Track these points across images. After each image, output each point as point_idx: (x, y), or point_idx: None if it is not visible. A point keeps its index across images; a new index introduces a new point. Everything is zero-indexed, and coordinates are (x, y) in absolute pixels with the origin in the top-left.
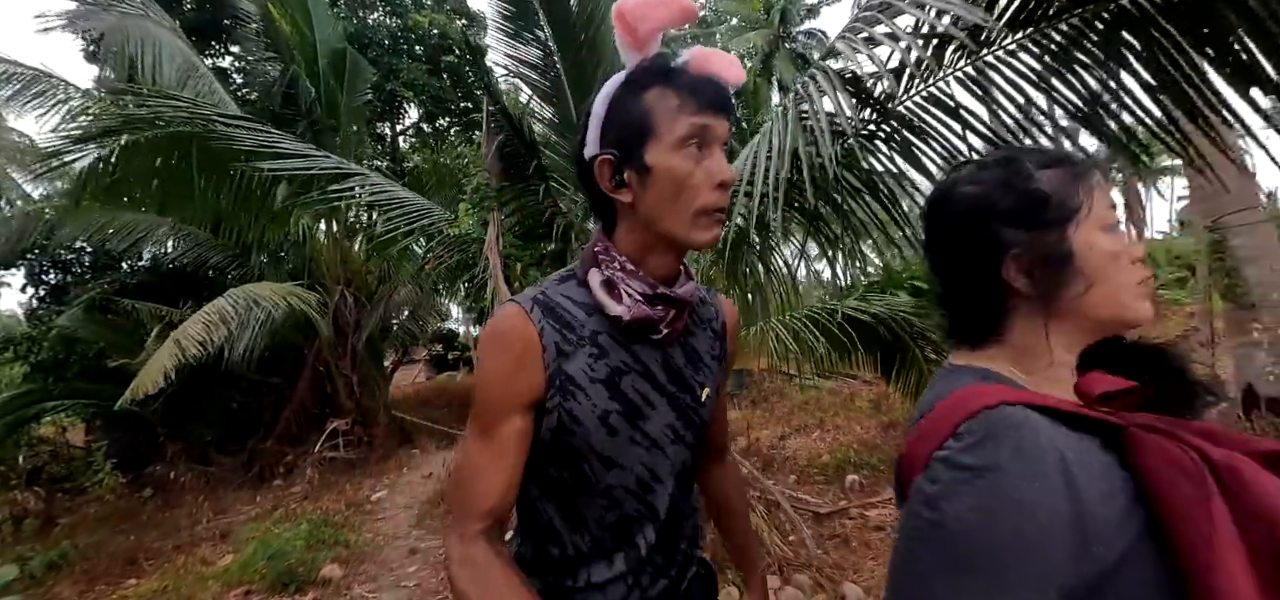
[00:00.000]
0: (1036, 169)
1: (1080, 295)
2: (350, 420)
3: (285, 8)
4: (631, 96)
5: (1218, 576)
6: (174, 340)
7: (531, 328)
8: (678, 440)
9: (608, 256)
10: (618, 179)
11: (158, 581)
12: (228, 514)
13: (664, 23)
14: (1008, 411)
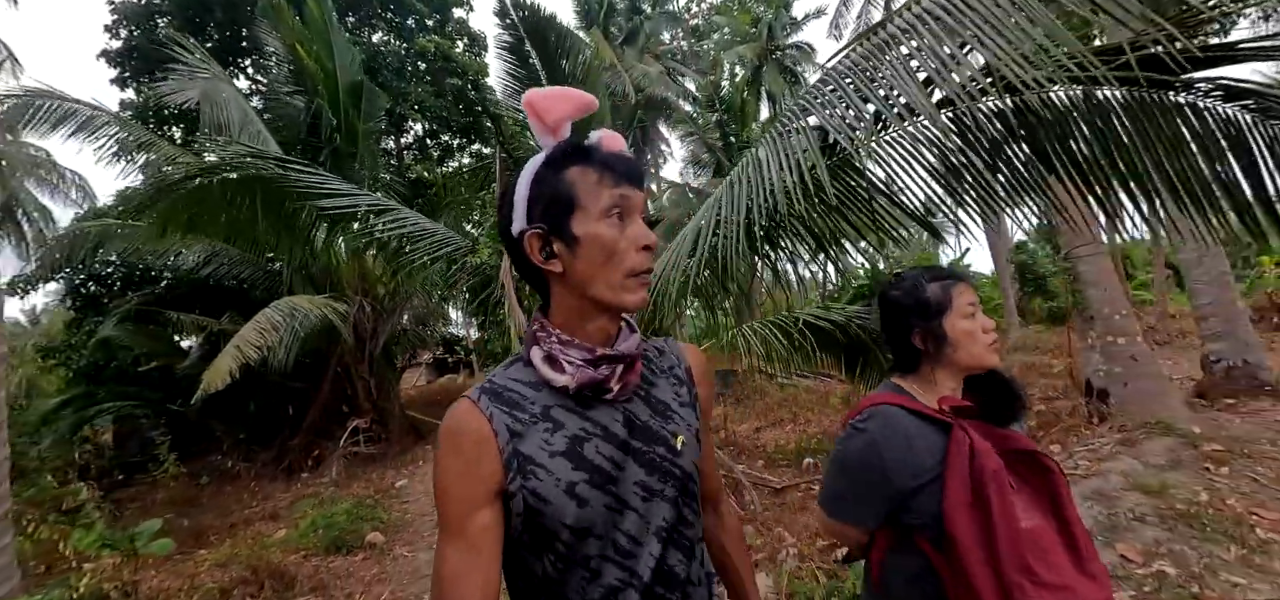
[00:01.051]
0: (928, 283)
1: (951, 354)
2: (369, 419)
3: (310, 45)
4: (553, 174)
5: (950, 484)
6: (234, 345)
7: (481, 417)
8: (652, 496)
9: (544, 332)
10: (547, 251)
11: (228, 550)
12: (271, 500)
13: (568, 114)
14: (883, 407)
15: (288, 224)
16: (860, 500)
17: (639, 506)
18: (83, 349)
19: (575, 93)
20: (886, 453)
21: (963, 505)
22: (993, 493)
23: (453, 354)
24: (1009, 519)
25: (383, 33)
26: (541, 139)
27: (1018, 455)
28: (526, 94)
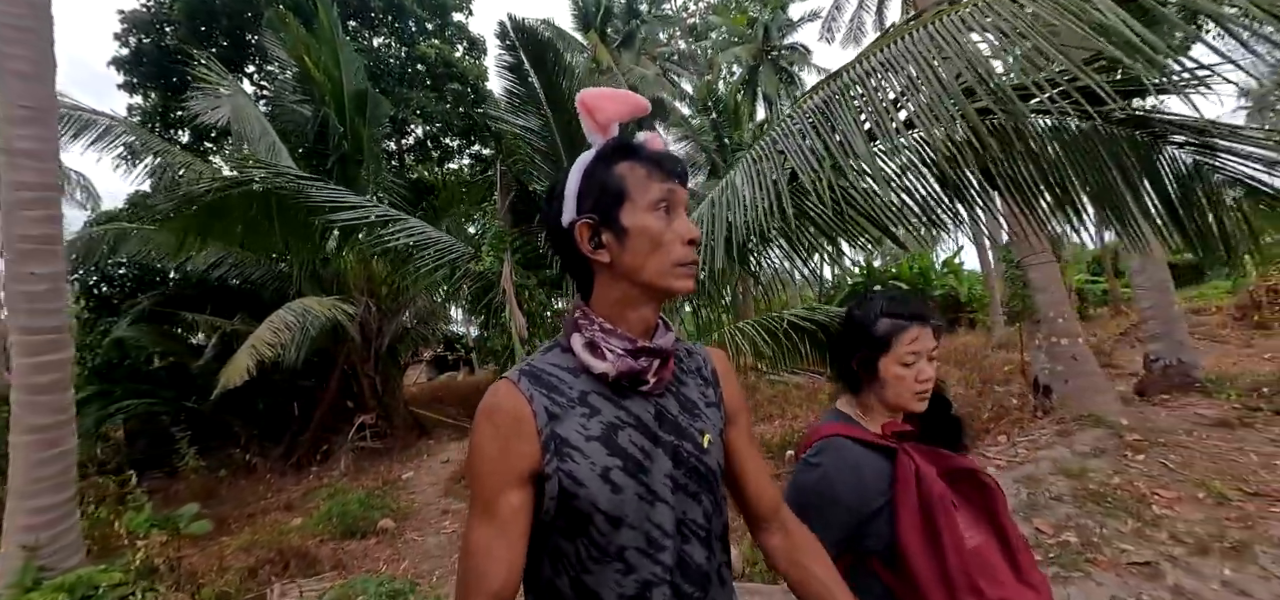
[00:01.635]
0: (883, 316)
1: (880, 390)
2: (375, 415)
3: (317, 55)
4: (604, 168)
5: (902, 514)
6: (251, 344)
7: (521, 397)
8: (679, 489)
9: (587, 320)
10: (596, 241)
11: (249, 536)
12: (284, 492)
13: (618, 115)
14: (834, 439)
15: (303, 232)
16: (817, 528)
17: (669, 498)
18: (97, 348)
19: (629, 94)
20: (838, 484)
21: (915, 530)
22: (941, 516)
23: (453, 352)
24: (957, 541)
25: (383, 36)
26: (591, 136)
27: (958, 474)
28: (581, 93)
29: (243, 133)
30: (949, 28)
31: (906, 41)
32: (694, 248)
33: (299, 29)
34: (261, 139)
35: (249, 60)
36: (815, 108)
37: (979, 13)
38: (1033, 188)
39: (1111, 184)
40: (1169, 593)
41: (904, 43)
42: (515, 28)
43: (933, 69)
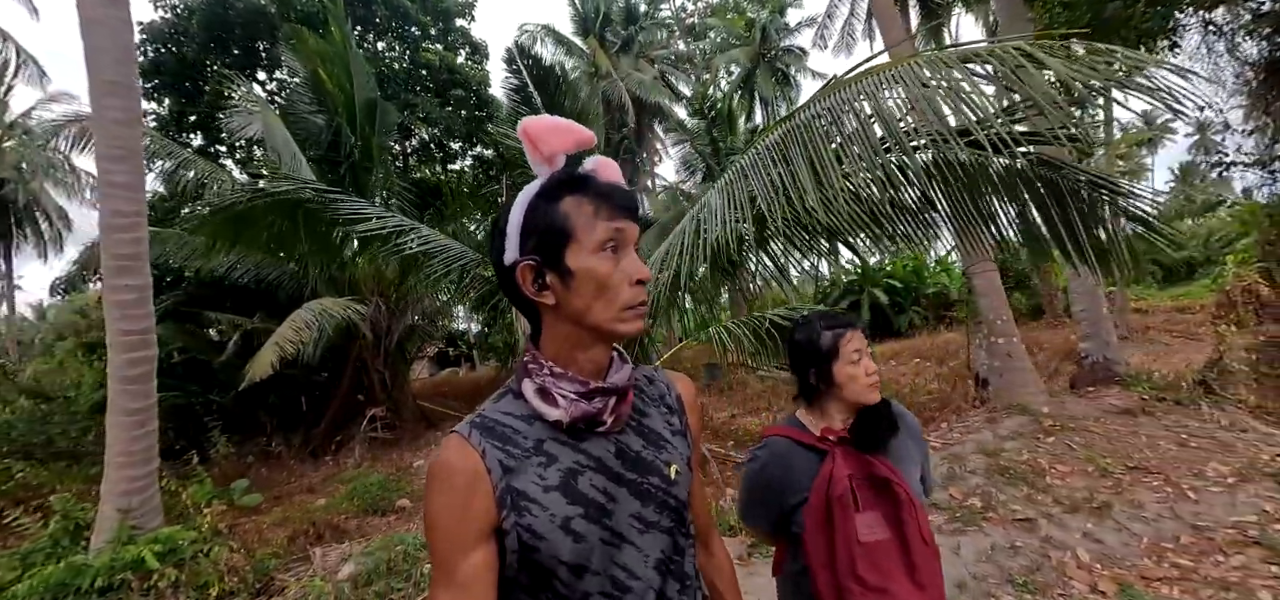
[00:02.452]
0: (823, 330)
1: (839, 392)
2: (384, 408)
3: (330, 68)
4: (547, 204)
5: (810, 504)
6: (274, 341)
7: (472, 453)
8: (649, 528)
9: (536, 364)
10: (539, 283)
11: (280, 513)
12: (305, 478)
13: (563, 148)
14: (773, 438)
15: (325, 240)
16: (757, 511)
17: (636, 539)
18: None
19: (573, 126)
20: (770, 476)
21: (815, 519)
22: (837, 512)
23: (454, 348)
24: (847, 534)
25: (388, 41)
26: (536, 168)
27: (876, 481)
28: (523, 122)
29: (271, 145)
30: (886, 80)
31: (846, 92)
32: (642, 288)
33: (314, 42)
34: (285, 149)
35: (261, 68)
36: (772, 144)
37: (913, 70)
38: (968, 212)
39: (1027, 212)
40: (1039, 540)
41: (844, 93)
42: (520, 53)
43: (861, 115)
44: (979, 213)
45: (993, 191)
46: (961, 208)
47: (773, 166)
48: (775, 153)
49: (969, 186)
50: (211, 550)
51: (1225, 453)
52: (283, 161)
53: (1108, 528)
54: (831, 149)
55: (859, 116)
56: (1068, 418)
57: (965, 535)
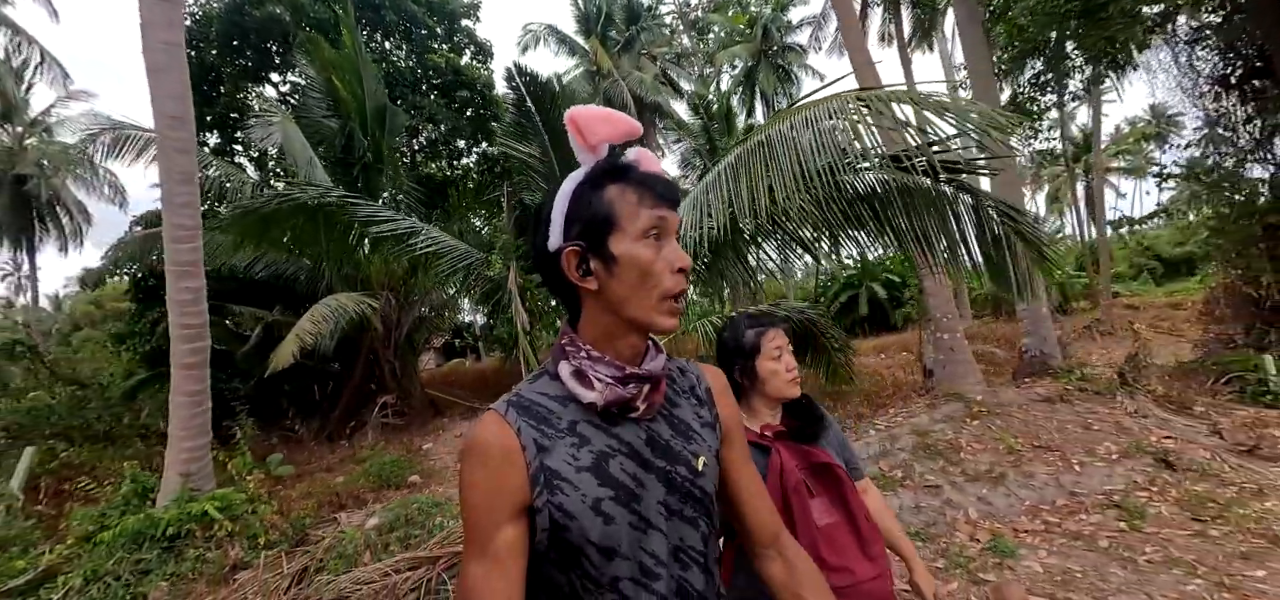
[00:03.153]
0: (746, 329)
1: (763, 387)
2: (395, 396)
3: (342, 75)
4: (593, 192)
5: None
6: (295, 333)
7: (508, 430)
8: (673, 515)
9: (574, 347)
10: (583, 269)
11: (304, 488)
12: (324, 459)
13: (610, 137)
14: None
15: (342, 240)
16: None
17: (662, 525)
18: (148, 336)
19: (621, 116)
20: None
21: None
22: (795, 501)
23: (461, 339)
24: (807, 521)
25: (395, 41)
26: (581, 156)
27: (818, 468)
28: (571, 111)
29: (289, 152)
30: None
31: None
32: (684, 276)
33: (328, 51)
34: (303, 154)
35: (274, 70)
36: (727, 166)
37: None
38: (902, 228)
39: (950, 230)
40: (941, 502)
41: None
42: (519, 72)
43: (797, 148)
44: (912, 228)
45: (923, 209)
46: (892, 221)
47: (727, 182)
48: (729, 172)
49: (905, 205)
50: (257, 508)
51: (1119, 434)
52: (300, 166)
53: (999, 493)
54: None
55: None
56: (996, 404)
57: (887, 499)
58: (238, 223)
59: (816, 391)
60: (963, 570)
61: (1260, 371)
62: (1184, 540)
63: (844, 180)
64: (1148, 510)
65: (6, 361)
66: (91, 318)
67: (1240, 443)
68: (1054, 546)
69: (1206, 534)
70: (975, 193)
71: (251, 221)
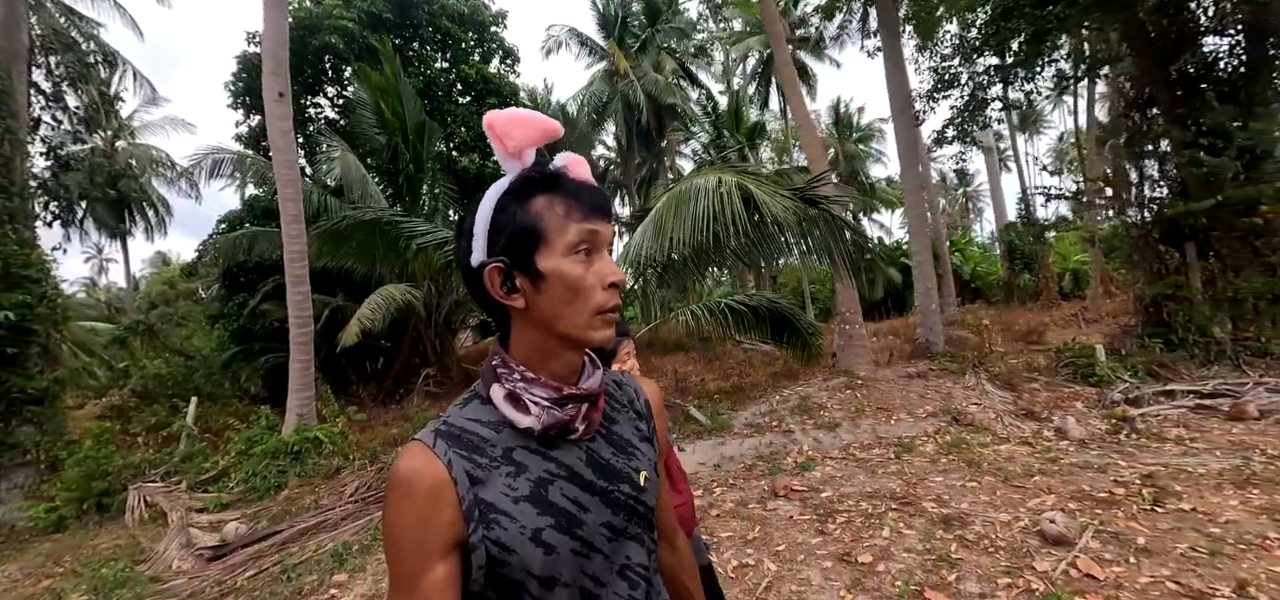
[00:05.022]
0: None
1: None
2: (435, 369)
3: (388, 99)
4: (518, 204)
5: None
6: (357, 317)
7: (437, 462)
8: (618, 536)
9: (506, 369)
10: (509, 285)
11: (370, 434)
12: (381, 417)
13: (530, 141)
14: None
15: (394, 247)
16: None
17: (605, 548)
18: (236, 317)
19: (537, 117)
20: None
21: None
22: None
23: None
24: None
25: (432, 49)
26: (505, 164)
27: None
28: (487, 116)
29: (347, 177)
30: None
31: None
32: (616, 291)
33: (375, 77)
34: (357, 175)
35: (329, 85)
36: (657, 210)
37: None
38: (807, 245)
39: (830, 245)
40: (788, 440)
41: (706, 178)
42: (530, 97)
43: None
44: (818, 242)
45: (806, 231)
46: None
47: (661, 219)
48: (665, 208)
49: (799, 228)
50: (347, 437)
51: (943, 399)
52: (355, 188)
53: (830, 436)
54: (680, 219)
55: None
56: (872, 379)
57: (750, 439)
58: (318, 238)
59: (783, 367)
60: (778, 473)
61: (1093, 359)
62: (920, 463)
63: (729, 223)
64: (916, 447)
65: (132, 337)
66: (165, 296)
67: (1025, 408)
68: (840, 466)
69: (937, 461)
70: (834, 221)
71: (328, 236)
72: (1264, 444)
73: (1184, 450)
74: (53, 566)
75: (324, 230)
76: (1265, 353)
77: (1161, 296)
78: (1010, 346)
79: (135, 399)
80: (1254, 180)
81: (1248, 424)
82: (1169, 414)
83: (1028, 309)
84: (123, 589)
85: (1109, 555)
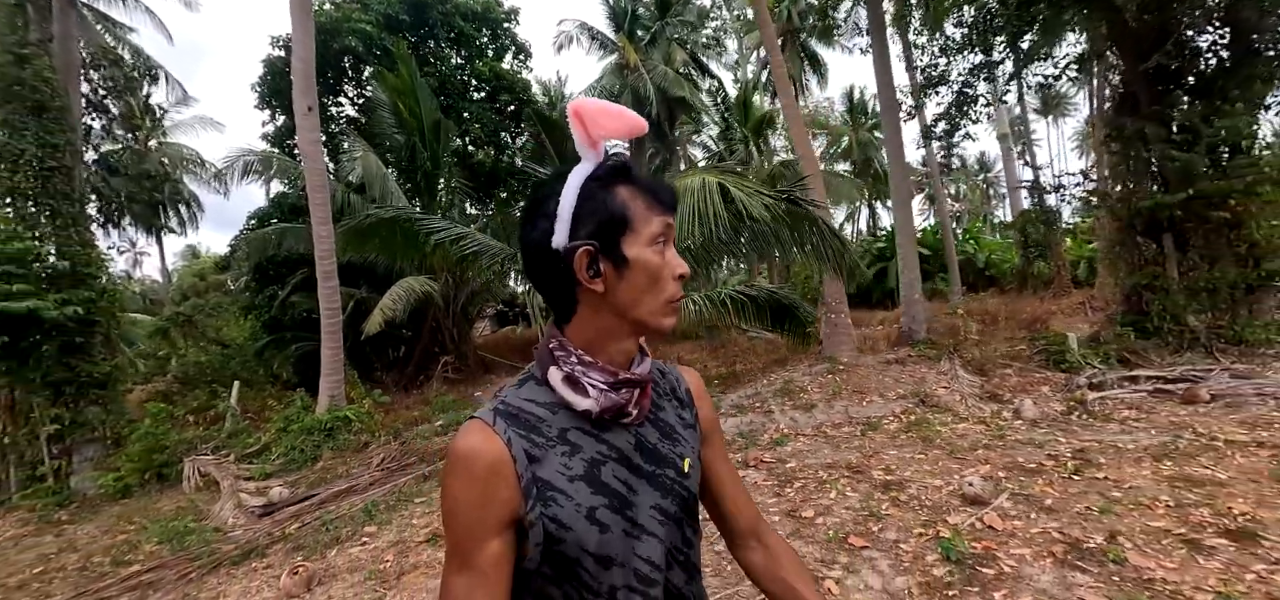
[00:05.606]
0: None
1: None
2: (453, 356)
3: (405, 99)
4: (603, 191)
5: None
6: (380, 307)
7: (497, 440)
8: (667, 520)
9: (564, 352)
10: (593, 269)
11: (394, 415)
12: (403, 401)
13: (615, 133)
14: None
15: (414, 243)
16: None
17: (656, 530)
18: (267, 308)
19: (627, 111)
20: None
21: None
22: None
23: (511, 309)
24: None
25: (447, 47)
26: (583, 152)
27: None
28: (575, 102)
29: (368, 176)
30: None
31: (693, 179)
32: (682, 283)
33: (392, 80)
34: (378, 174)
35: (349, 85)
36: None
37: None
38: (782, 241)
39: (811, 241)
40: (767, 419)
41: (691, 179)
42: (536, 115)
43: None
44: (796, 239)
45: (790, 228)
46: (771, 238)
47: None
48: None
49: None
50: (373, 417)
51: (915, 384)
52: (376, 187)
53: (805, 416)
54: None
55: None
56: (853, 365)
57: (734, 418)
58: (344, 235)
59: (784, 349)
60: (753, 447)
61: (1064, 346)
62: (880, 439)
63: (724, 220)
64: (882, 425)
65: (173, 328)
66: (196, 288)
67: (991, 391)
68: (810, 442)
69: (897, 437)
70: (812, 219)
71: (353, 233)
72: (1200, 424)
73: (1124, 429)
74: (125, 524)
75: (349, 228)
76: (1240, 341)
77: (1140, 286)
78: (1014, 334)
79: (177, 385)
80: (1225, 174)
81: (1197, 407)
82: (1126, 398)
83: (1040, 297)
84: (191, 536)
85: (1014, 512)
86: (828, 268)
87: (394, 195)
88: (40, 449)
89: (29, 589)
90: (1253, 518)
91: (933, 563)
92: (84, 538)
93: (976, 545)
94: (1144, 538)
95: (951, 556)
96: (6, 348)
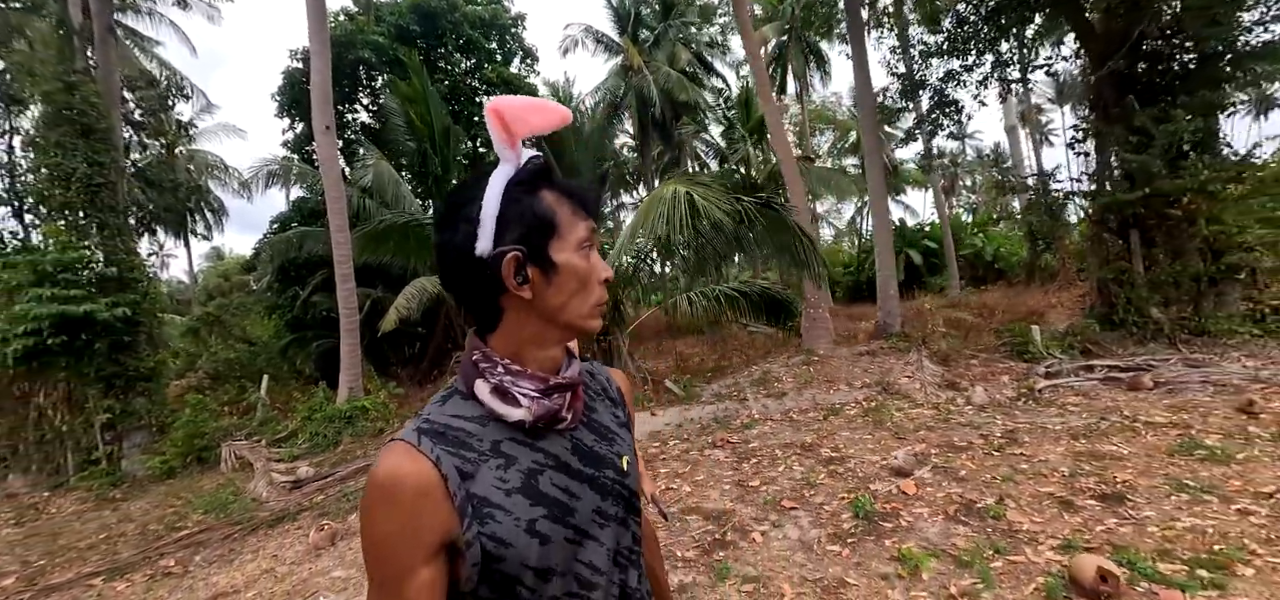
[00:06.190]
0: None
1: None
2: None
3: (417, 107)
4: (528, 196)
5: None
6: (395, 306)
7: (424, 461)
8: (608, 521)
9: (489, 363)
10: (521, 276)
11: (408, 409)
12: (417, 395)
13: (540, 128)
14: None
15: (425, 246)
16: None
17: (598, 534)
18: (290, 308)
19: (550, 103)
20: None
21: None
22: None
23: None
24: None
25: (456, 52)
26: (503, 154)
27: None
28: (494, 101)
29: (379, 184)
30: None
31: (665, 188)
32: (606, 287)
33: (404, 88)
34: (391, 181)
35: (363, 93)
36: (640, 211)
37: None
38: (743, 242)
39: (785, 244)
40: (741, 405)
41: (664, 188)
42: (551, 91)
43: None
44: (762, 239)
45: (766, 230)
46: (740, 243)
47: (639, 223)
48: (639, 215)
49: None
50: (388, 407)
51: (882, 374)
52: (389, 192)
53: (775, 403)
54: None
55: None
56: (828, 356)
57: (711, 405)
58: (360, 240)
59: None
60: (722, 430)
61: (1028, 339)
62: (840, 422)
63: (699, 224)
64: (844, 411)
65: (203, 328)
66: (221, 289)
67: (950, 380)
68: (777, 424)
69: (853, 421)
70: (785, 222)
71: (369, 237)
72: (1130, 408)
73: (1060, 414)
74: (172, 500)
75: (366, 232)
76: (1203, 332)
77: (1107, 280)
78: (1002, 327)
79: (208, 380)
80: (1178, 174)
81: (1139, 393)
82: (1077, 386)
83: (1045, 290)
84: (233, 504)
85: (930, 481)
86: (787, 264)
87: (406, 200)
88: (94, 436)
89: (98, 549)
90: (1130, 484)
91: (845, 519)
92: (138, 511)
93: (887, 507)
94: (1029, 500)
95: (860, 513)
96: (65, 346)
